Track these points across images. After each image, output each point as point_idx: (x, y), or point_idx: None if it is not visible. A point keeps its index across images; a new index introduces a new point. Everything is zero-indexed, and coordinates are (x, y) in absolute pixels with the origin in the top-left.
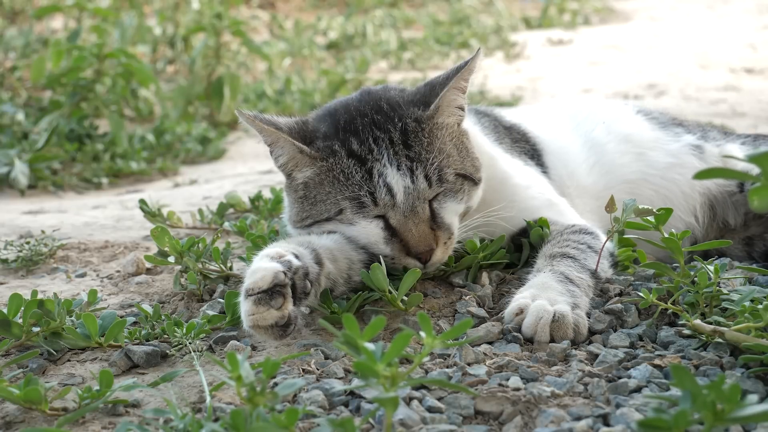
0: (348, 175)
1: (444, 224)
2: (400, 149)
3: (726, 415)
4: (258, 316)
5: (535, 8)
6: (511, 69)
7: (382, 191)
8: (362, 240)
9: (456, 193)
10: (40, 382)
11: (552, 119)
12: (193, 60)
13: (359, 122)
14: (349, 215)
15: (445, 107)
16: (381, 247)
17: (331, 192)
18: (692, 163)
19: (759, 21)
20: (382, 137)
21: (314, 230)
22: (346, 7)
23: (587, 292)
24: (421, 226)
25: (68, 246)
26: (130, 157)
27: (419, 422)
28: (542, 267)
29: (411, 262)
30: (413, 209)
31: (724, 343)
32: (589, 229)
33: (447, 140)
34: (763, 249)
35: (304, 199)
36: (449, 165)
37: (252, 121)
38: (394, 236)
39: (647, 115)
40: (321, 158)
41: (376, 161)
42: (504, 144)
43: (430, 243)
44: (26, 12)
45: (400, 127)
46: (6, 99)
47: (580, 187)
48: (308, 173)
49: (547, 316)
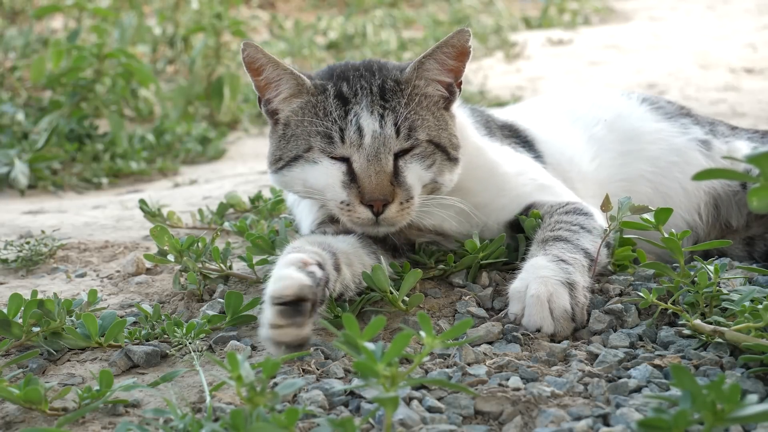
0: (327, 112)
1: (405, 183)
2: (377, 99)
3: (726, 415)
4: (279, 332)
5: (535, 8)
6: (511, 69)
7: (351, 129)
8: (321, 183)
9: (425, 158)
10: (40, 382)
11: (547, 113)
12: (193, 60)
13: (351, 73)
14: (316, 154)
15: (422, 74)
16: (337, 191)
17: (307, 127)
18: (698, 161)
19: (759, 21)
20: (365, 86)
21: (285, 175)
22: (346, 7)
23: (582, 271)
24: (382, 175)
25: (68, 246)
26: (130, 157)
27: (419, 422)
28: (536, 252)
29: (363, 211)
30: (377, 155)
31: (724, 343)
32: (584, 208)
33: (425, 106)
34: (763, 249)
35: (282, 138)
36: (422, 126)
37: (260, 51)
38: (353, 182)
39: (653, 104)
40: (313, 93)
41: (356, 105)
42: (495, 137)
43: (386, 195)
44: (26, 12)
45: (379, 82)
46: (6, 99)
47: (582, 173)
48: (294, 107)
49: (544, 293)
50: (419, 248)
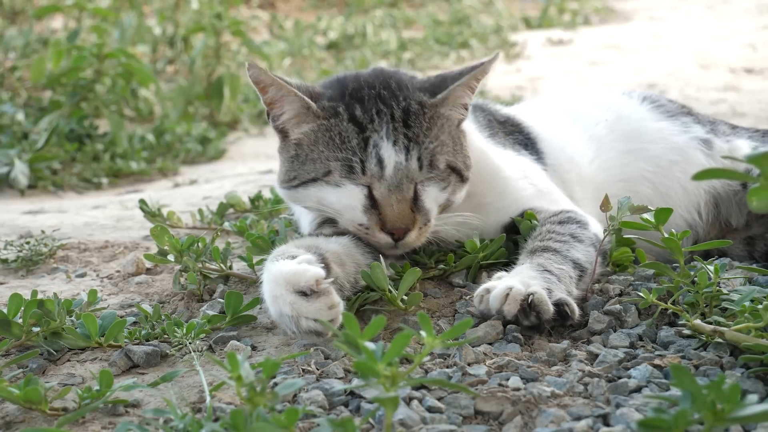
0: (344, 138)
1: (424, 208)
2: (399, 126)
3: (726, 415)
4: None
5: (535, 8)
6: (511, 69)
7: (372, 161)
8: (340, 205)
9: (442, 182)
10: (40, 382)
11: (550, 112)
12: (193, 60)
13: (366, 92)
14: (336, 177)
15: (452, 100)
16: (358, 214)
17: (324, 152)
18: (698, 160)
19: (759, 21)
20: (384, 111)
21: (298, 192)
22: (346, 7)
23: (567, 283)
24: (403, 204)
25: (68, 246)
26: (130, 157)
27: (419, 422)
28: (522, 261)
29: (383, 237)
30: (399, 186)
31: (724, 343)
32: (578, 216)
33: (446, 131)
34: (764, 249)
35: (295, 159)
36: (442, 153)
37: (264, 73)
38: (374, 207)
39: (654, 103)
40: (323, 117)
41: (374, 132)
42: (497, 137)
43: (408, 223)
44: (26, 12)
45: (404, 106)
46: (6, 99)
47: (581, 174)
48: (305, 129)
49: (516, 292)
50: (419, 249)
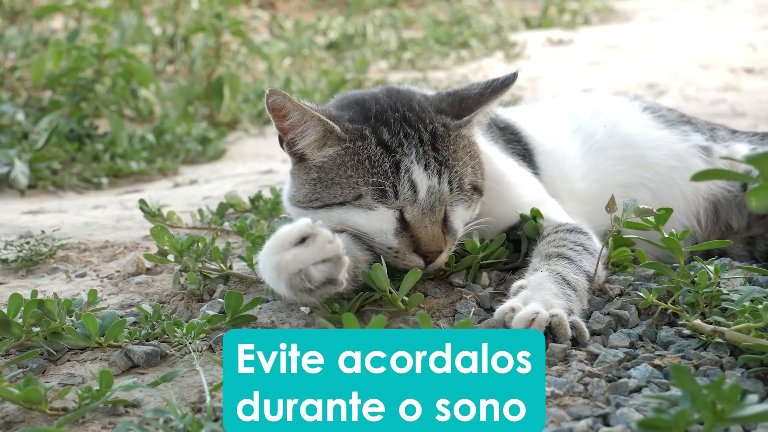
0: (374, 162)
1: (453, 229)
2: (429, 150)
3: (726, 415)
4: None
5: (535, 8)
6: (511, 69)
7: (405, 186)
8: (371, 227)
9: (467, 202)
10: (40, 382)
11: (550, 119)
12: (193, 60)
13: (390, 115)
14: (369, 200)
15: (474, 123)
16: (389, 238)
17: (353, 176)
18: (698, 167)
19: (759, 21)
20: (412, 134)
21: (317, 212)
22: (346, 7)
23: (582, 297)
24: (436, 226)
25: (68, 246)
26: (130, 157)
27: None
28: (539, 266)
29: (415, 259)
30: (432, 209)
31: (724, 343)
32: (582, 228)
33: (467, 151)
34: (764, 249)
35: (317, 182)
36: (467, 175)
37: (287, 99)
38: (405, 230)
39: (654, 113)
40: (349, 140)
41: (405, 156)
42: (498, 144)
43: (441, 245)
44: (26, 12)
45: (431, 129)
46: (6, 99)
47: (572, 191)
48: (330, 153)
49: (541, 318)
50: None
